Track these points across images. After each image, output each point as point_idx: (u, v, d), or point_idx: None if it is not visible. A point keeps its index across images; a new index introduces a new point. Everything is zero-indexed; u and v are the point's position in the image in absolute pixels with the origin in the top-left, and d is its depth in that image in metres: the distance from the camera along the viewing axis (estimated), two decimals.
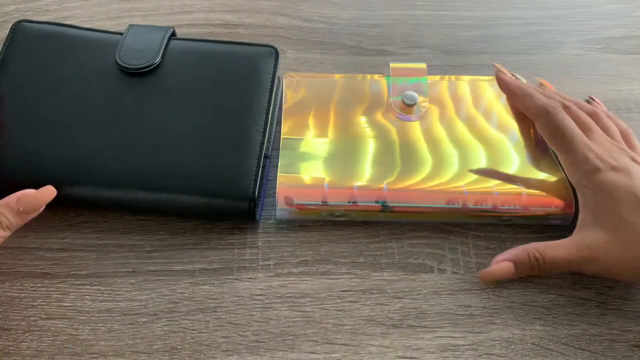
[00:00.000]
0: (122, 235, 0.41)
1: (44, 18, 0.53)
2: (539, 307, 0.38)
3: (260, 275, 0.39)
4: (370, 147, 0.43)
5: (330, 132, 0.44)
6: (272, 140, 0.44)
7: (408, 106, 0.45)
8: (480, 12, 0.56)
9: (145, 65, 0.42)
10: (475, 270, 0.40)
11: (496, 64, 0.46)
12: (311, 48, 0.52)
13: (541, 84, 0.47)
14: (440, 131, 0.44)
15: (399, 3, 0.57)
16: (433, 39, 0.54)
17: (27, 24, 0.45)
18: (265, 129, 0.41)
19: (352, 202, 0.40)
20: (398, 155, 0.42)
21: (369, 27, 0.55)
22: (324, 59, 0.52)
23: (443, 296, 0.39)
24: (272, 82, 0.44)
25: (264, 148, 0.41)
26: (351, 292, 0.39)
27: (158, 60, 0.43)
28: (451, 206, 0.40)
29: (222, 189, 0.39)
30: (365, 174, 0.41)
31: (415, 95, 0.45)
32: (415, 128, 0.44)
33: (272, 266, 0.40)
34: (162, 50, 0.43)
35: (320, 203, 0.40)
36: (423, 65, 0.47)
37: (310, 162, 0.42)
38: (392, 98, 0.45)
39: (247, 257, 0.40)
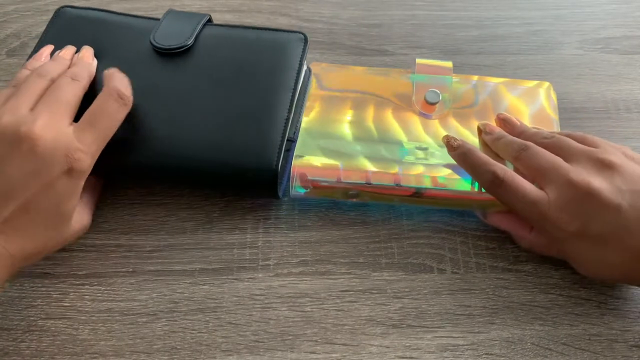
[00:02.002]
0: (121, 235, 0.41)
1: (44, 18, 0.53)
2: (538, 307, 0.38)
3: (260, 275, 0.39)
4: (387, 140, 0.43)
5: (351, 122, 0.44)
6: (299, 124, 0.44)
7: (431, 104, 0.45)
8: (479, 12, 0.56)
9: (177, 45, 0.44)
10: (475, 270, 0.40)
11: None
12: (311, 48, 0.52)
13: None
14: (461, 131, 0.44)
15: (399, 3, 0.57)
16: (432, 39, 0.54)
17: (69, 9, 0.46)
18: (290, 107, 0.42)
19: (367, 183, 0.40)
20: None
21: (368, 27, 0.55)
22: (324, 59, 0.52)
23: (443, 296, 0.39)
24: (300, 65, 0.44)
25: (289, 126, 0.42)
26: (351, 292, 0.39)
27: (191, 42, 0.44)
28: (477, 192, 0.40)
29: (246, 160, 0.40)
30: (381, 163, 0.41)
31: (439, 93, 0.45)
32: (437, 125, 0.44)
33: (271, 266, 0.40)
34: (196, 33, 0.45)
35: (334, 180, 0.41)
36: (449, 64, 0.47)
37: (326, 149, 0.42)
38: (415, 94, 0.45)
39: (247, 257, 0.40)
